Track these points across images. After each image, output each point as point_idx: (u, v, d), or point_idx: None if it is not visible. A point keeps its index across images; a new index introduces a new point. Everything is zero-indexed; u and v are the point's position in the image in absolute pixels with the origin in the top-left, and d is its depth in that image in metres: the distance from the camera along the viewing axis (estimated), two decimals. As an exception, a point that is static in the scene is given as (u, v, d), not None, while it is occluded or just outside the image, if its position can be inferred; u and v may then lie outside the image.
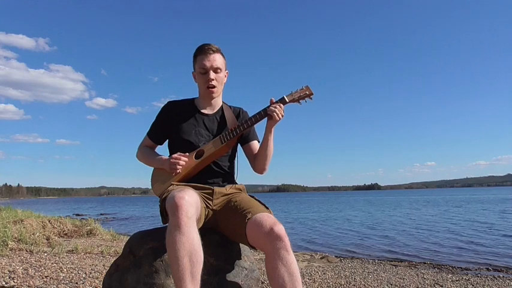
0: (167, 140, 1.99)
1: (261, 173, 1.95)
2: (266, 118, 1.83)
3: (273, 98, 1.81)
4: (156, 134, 1.99)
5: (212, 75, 1.86)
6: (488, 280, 4.29)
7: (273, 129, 1.84)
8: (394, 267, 5.24)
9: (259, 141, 2.02)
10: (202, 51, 1.87)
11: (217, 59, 1.88)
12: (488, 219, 14.35)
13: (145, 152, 1.98)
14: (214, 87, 1.88)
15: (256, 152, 1.97)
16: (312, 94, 1.84)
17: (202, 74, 1.88)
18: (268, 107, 1.81)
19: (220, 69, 1.90)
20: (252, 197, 1.84)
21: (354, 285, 3.67)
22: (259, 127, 2.00)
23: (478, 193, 72.27)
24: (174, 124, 1.91)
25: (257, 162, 1.93)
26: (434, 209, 22.13)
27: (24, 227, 5.30)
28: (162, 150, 2.02)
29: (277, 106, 1.79)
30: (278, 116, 1.78)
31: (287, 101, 1.81)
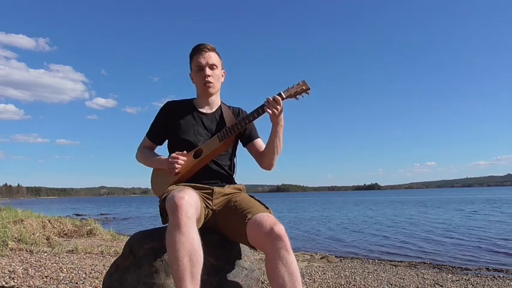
0: (167, 141, 1.99)
1: (269, 169, 1.94)
2: (265, 114, 1.82)
3: (270, 97, 1.78)
4: (155, 135, 1.99)
5: (208, 71, 1.87)
6: (488, 280, 4.29)
7: (277, 127, 1.81)
8: (394, 267, 5.24)
9: (261, 138, 2.02)
10: (197, 50, 1.89)
11: (212, 56, 1.89)
12: (450, 219, 14.62)
13: (145, 153, 1.98)
14: (210, 82, 1.88)
15: (261, 149, 1.97)
16: (309, 89, 1.81)
17: (199, 71, 1.88)
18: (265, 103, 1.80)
19: (216, 66, 1.90)
20: (252, 197, 1.84)
21: (354, 285, 3.67)
22: (261, 126, 2.00)
23: (476, 193, 72.20)
24: (173, 124, 1.91)
25: (264, 159, 1.93)
26: (419, 210, 22.44)
27: (24, 227, 5.30)
28: (162, 150, 2.02)
29: (271, 100, 1.74)
30: (273, 109, 1.74)
31: (284, 96, 1.79)
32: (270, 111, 1.75)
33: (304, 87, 1.81)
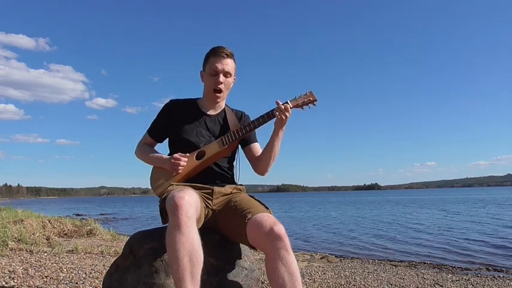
0: (167, 139, 1.99)
1: (263, 174, 1.95)
2: (270, 121, 1.83)
3: (279, 100, 1.79)
4: (156, 132, 1.99)
5: (221, 78, 1.86)
6: (488, 280, 4.29)
7: (279, 131, 1.83)
8: (394, 267, 5.24)
9: (259, 144, 2.03)
10: (215, 53, 1.87)
11: (229, 64, 1.88)
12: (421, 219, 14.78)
13: (145, 150, 1.98)
14: (220, 91, 1.89)
15: (257, 154, 1.97)
16: (316, 100, 1.84)
17: (212, 75, 1.87)
18: (272, 110, 1.81)
19: (230, 74, 1.90)
20: (252, 197, 1.84)
21: (354, 285, 3.67)
22: (259, 132, 2.00)
23: (471, 193, 72.33)
24: (176, 123, 1.90)
25: (260, 163, 1.93)
26: (400, 210, 22.71)
27: (24, 227, 5.29)
28: (162, 149, 2.02)
29: (283, 108, 1.77)
30: (281, 116, 1.77)
31: (291, 106, 1.81)
32: (279, 117, 1.77)
33: (311, 98, 1.84)
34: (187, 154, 1.82)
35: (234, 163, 2.00)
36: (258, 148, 2.00)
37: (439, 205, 27.41)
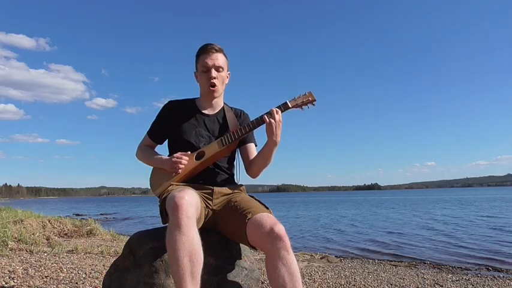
0: (167, 140, 1.99)
1: (253, 177, 1.94)
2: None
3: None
4: (156, 134, 1.98)
5: (214, 73, 1.85)
6: (488, 280, 4.29)
7: (273, 140, 1.77)
8: (394, 267, 5.24)
9: (256, 144, 2.01)
10: (204, 50, 1.87)
11: (219, 58, 1.87)
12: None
13: (145, 151, 1.98)
14: (215, 85, 1.88)
15: (252, 155, 1.96)
16: (315, 100, 1.83)
17: (204, 72, 1.87)
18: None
19: (222, 68, 1.89)
20: (252, 197, 1.84)
21: (354, 285, 3.67)
22: (259, 130, 1.99)
23: (467, 193, 72.47)
24: (175, 124, 1.90)
25: (252, 167, 1.92)
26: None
27: (24, 227, 5.29)
28: (163, 149, 2.02)
29: (273, 111, 1.75)
30: (270, 120, 1.74)
31: (290, 106, 1.80)
32: (267, 121, 1.75)
33: (310, 98, 1.83)
34: (188, 153, 1.82)
35: (234, 163, 2.00)
36: (253, 149, 1.98)
37: (422, 205, 27.56)
